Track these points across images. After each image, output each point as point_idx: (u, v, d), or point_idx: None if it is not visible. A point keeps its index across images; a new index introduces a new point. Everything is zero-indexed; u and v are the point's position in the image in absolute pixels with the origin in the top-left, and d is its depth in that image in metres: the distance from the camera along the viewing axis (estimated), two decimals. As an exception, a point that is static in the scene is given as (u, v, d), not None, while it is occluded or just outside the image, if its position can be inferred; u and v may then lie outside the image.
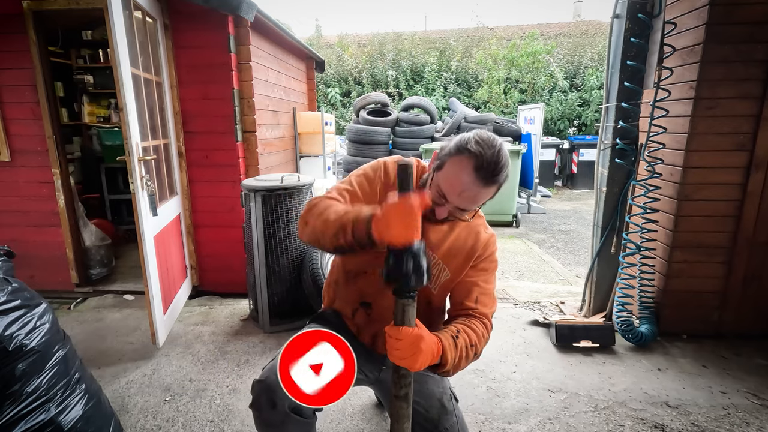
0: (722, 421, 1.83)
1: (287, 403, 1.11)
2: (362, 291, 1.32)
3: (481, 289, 1.25)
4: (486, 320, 1.22)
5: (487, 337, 1.20)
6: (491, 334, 1.27)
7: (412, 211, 0.90)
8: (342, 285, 1.38)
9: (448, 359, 1.06)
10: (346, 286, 1.36)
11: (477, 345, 1.15)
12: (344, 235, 1.01)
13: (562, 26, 13.77)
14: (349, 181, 1.26)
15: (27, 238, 2.97)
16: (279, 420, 1.13)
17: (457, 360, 1.09)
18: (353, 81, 11.09)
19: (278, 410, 1.11)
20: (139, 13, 2.35)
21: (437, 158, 1.13)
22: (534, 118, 6.80)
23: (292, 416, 1.13)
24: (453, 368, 1.10)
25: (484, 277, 1.27)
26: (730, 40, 2.16)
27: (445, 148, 1.12)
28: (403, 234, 0.91)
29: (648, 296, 2.45)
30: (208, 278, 3.09)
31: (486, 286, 1.26)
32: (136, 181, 2.11)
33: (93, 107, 4.67)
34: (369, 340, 1.35)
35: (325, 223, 1.06)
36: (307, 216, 1.13)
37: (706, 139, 2.27)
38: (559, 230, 5.41)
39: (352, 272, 1.33)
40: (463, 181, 1.05)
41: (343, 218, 1.03)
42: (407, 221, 0.90)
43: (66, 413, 1.34)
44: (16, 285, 1.42)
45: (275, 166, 3.57)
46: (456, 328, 1.14)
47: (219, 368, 2.22)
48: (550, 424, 1.81)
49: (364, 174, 1.27)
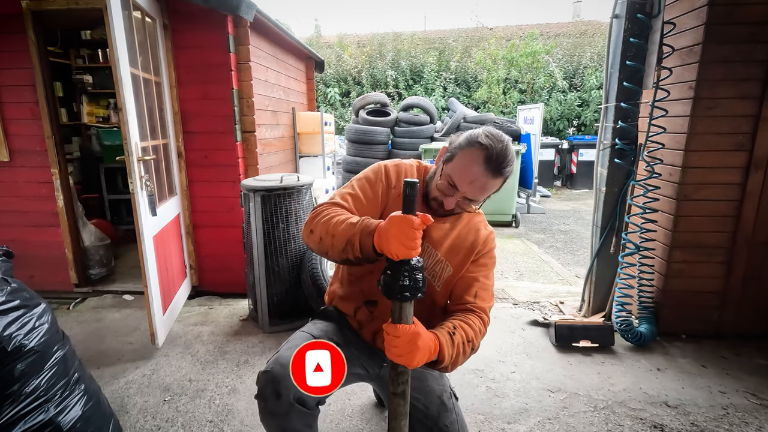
0: (721, 421, 1.83)
1: (292, 393, 1.14)
2: (367, 290, 1.34)
3: (480, 284, 1.28)
4: (483, 315, 1.25)
5: (484, 332, 1.23)
6: (489, 329, 1.30)
7: (412, 227, 0.93)
8: (347, 284, 1.39)
9: (445, 356, 1.07)
10: (350, 286, 1.38)
11: (474, 340, 1.17)
12: (352, 251, 1.05)
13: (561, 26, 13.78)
14: (351, 186, 1.29)
15: (26, 238, 2.97)
16: (283, 410, 1.15)
17: (455, 356, 1.11)
18: (353, 81, 11.08)
19: (283, 400, 1.14)
20: (138, 13, 2.35)
21: (447, 151, 1.20)
22: (533, 118, 6.80)
23: (296, 407, 1.15)
24: (451, 365, 1.12)
25: (484, 272, 1.30)
26: (730, 40, 2.16)
27: (454, 142, 1.18)
28: (402, 250, 0.94)
29: (647, 296, 2.45)
30: (208, 278, 3.09)
31: (485, 282, 1.30)
32: (136, 181, 2.11)
33: (92, 107, 4.66)
34: (369, 337, 1.37)
35: (333, 237, 1.09)
36: (313, 224, 1.17)
37: (705, 139, 2.27)
38: (559, 230, 5.41)
39: (357, 273, 1.34)
40: (473, 171, 1.12)
41: (349, 232, 1.06)
42: (407, 238, 0.93)
43: (65, 413, 1.34)
44: (16, 285, 1.41)
45: (275, 166, 3.57)
46: (453, 324, 1.16)
47: (218, 368, 2.21)
48: (549, 424, 1.81)
49: (365, 178, 1.30)
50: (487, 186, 1.14)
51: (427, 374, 1.31)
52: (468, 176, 1.13)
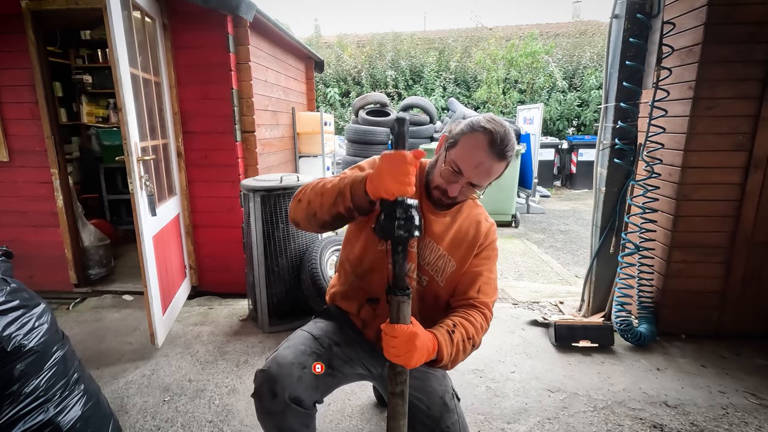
0: (721, 421, 1.83)
1: (288, 392, 1.14)
2: (370, 288, 1.33)
3: (484, 278, 1.28)
4: (486, 310, 1.25)
5: (486, 327, 1.23)
6: (489, 330, 1.29)
7: (405, 162, 0.92)
8: (350, 284, 1.39)
9: (443, 355, 1.07)
10: (352, 284, 1.38)
11: (474, 337, 1.17)
12: (343, 201, 1.05)
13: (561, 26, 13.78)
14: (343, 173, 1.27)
15: (26, 239, 2.97)
16: (280, 409, 1.15)
17: (454, 354, 1.11)
18: (352, 81, 11.08)
19: (279, 399, 1.14)
20: (138, 13, 2.35)
21: (449, 138, 1.19)
22: (533, 118, 6.80)
23: (293, 406, 1.15)
24: (450, 363, 1.12)
25: (488, 265, 1.30)
26: (730, 40, 2.16)
27: (455, 129, 1.19)
28: (395, 186, 0.93)
29: (647, 296, 2.45)
30: (207, 278, 3.09)
31: (489, 275, 1.29)
32: (135, 181, 2.11)
33: (92, 107, 4.66)
34: (374, 336, 1.36)
35: (322, 194, 1.10)
36: (300, 194, 1.18)
37: (704, 139, 2.27)
38: (558, 230, 5.41)
39: (361, 271, 1.34)
40: (478, 155, 1.12)
41: (339, 184, 1.07)
42: (400, 173, 0.92)
43: (65, 414, 1.33)
44: (15, 285, 1.41)
45: (274, 166, 3.57)
46: (453, 321, 1.16)
47: (218, 368, 2.21)
48: (549, 424, 1.81)
49: (358, 166, 1.30)
50: (492, 170, 1.14)
51: (429, 374, 1.31)
52: (473, 160, 1.12)
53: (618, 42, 2.34)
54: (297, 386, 1.16)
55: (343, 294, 1.42)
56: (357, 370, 1.34)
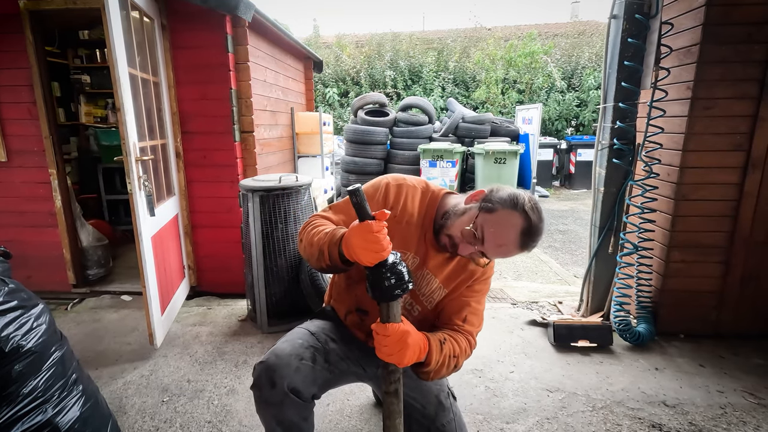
0: (719, 420, 1.83)
1: (286, 382, 1.16)
2: (360, 298, 1.33)
3: (471, 308, 1.26)
4: (471, 338, 1.23)
5: (468, 354, 1.21)
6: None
7: (372, 232, 0.94)
8: (342, 289, 1.39)
9: (432, 359, 1.08)
10: (345, 290, 1.38)
11: (459, 358, 1.17)
12: (323, 259, 1.08)
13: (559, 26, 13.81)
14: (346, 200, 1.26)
15: (24, 239, 2.96)
16: (278, 399, 1.16)
17: (440, 363, 1.11)
18: (351, 81, 11.09)
19: (277, 390, 1.15)
20: (136, 12, 2.34)
21: (487, 199, 1.13)
22: (532, 119, 6.81)
23: (291, 397, 1.17)
24: (434, 372, 1.11)
25: (477, 297, 1.28)
26: (728, 40, 2.17)
27: (497, 193, 1.12)
28: (370, 255, 0.96)
29: (645, 296, 2.45)
30: (206, 279, 3.09)
31: (477, 307, 1.28)
32: (134, 181, 2.10)
33: (90, 107, 4.65)
34: (363, 337, 1.37)
35: (311, 245, 1.12)
36: (302, 234, 1.20)
37: (703, 139, 2.28)
38: (557, 230, 5.42)
39: (353, 278, 1.34)
40: (507, 236, 1.08)
41: (321, 241, 1.09)
42: (370, 242, 0.95)
43: (63, 414, 1.33)
44: (13, 286, 1.41)
45: (273, 166, 3.57)
46: (443, 335, 1.16)
47: (217, 369, 2.21)
48: (548, 424, 1.81)
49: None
50: (510, 254, 1.11)
51: None
52: (499, 239, 1.08)
53: (616, 42, 2.34)
54: (295, 376, 1.17)
55: (336, 297, 1.43)
56: (352, 368, 1.35)
